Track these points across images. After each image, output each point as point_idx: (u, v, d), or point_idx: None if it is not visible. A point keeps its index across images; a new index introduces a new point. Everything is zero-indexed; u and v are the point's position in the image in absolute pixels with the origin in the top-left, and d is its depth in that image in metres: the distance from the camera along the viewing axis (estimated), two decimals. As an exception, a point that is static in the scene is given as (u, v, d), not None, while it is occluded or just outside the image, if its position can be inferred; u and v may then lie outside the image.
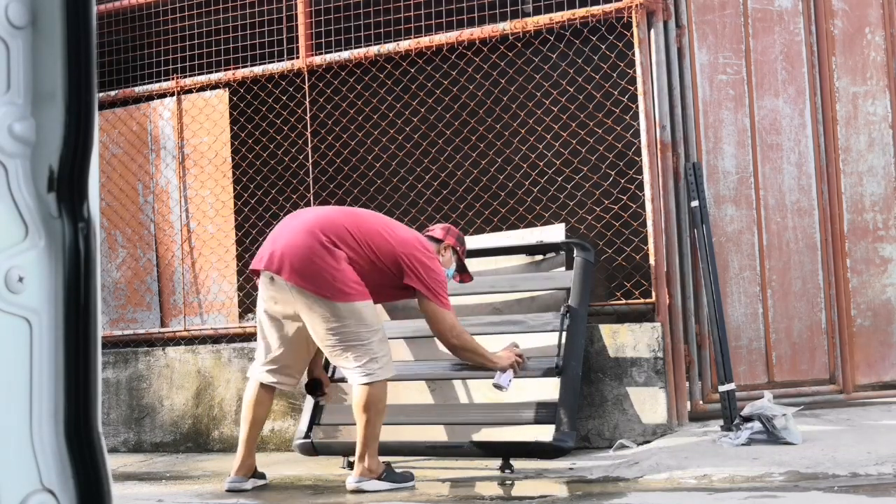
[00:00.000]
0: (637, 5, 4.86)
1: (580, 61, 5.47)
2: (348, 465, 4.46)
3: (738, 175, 5.12)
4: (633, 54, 4.93)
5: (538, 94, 5.97)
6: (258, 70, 5.93)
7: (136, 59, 6.45)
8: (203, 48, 6.17)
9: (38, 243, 1.14)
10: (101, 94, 6.34)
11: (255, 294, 4.34)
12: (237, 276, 6.02)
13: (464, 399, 4.84)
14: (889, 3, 5.46)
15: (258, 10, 6.16)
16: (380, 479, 4.02)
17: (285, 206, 6.09)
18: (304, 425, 4.76)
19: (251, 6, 6.13)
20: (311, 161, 5.85)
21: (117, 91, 6.37)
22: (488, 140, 6.23)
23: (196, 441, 5.66)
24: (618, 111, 5.35)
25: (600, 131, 5.51)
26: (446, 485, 4.14)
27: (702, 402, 4.89)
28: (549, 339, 4.47)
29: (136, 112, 6.32)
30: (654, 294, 4.78)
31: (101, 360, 1.22)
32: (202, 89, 6.10)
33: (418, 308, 4.42)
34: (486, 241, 5.28)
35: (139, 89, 6.28)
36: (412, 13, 5.69)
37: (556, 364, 4.37)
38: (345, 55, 5.68)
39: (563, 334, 4.44)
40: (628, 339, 4.69)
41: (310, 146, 5.88)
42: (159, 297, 6.20)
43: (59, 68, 1.14)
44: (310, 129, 5.89)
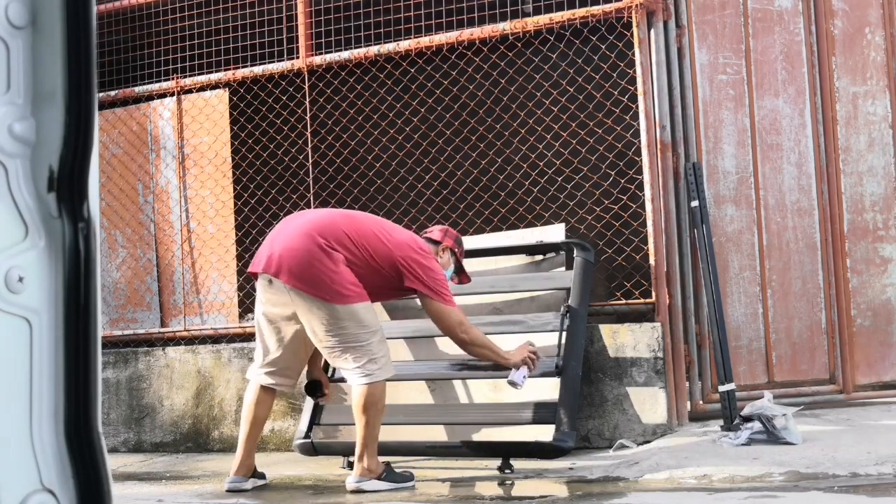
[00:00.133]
0: (637, 5, 4.86)
1: (580, 61, 5.47)
2: (348, 465, 4.46)
3: (738, 175, 5.12)
4: (633, 54, 4.93)
5: (538, 94, 5.97)
6: (258, 70, 5.93)
7: (136, 59, 6.45)
8: (203, 48, 6.17)
9: (38, 243, 1.14)
10: (101, 94, 6.34)
11: (255, 294, 4.34)
12: (237, 276, 6.02)
13: (464, 399, 4.85)
14: (889, 3, 5.46)
15: (258, 10, 6.15)
16: (380, 479, 4.02)
17: (285, 206, 6.09)
18: (304, 425, 4.76)
19: (251, 6, 6.13)
20: (311, 161, 5.85)
21: (117, 91, 6.37)
22: (488, 140, 6.23)
23: (196, 441, 5.66)
24: (618, 111, 5.35)
25: (600, 131, 5.50)
26: (446, 485, 4.14)
27: (702, 402, 4.89)
28: (549, 339, 4.47)
29: (136, 112, 6.32)
30: (654, 294, 4.78)
31: (101, 360, 1.22)
32: (202, 89, 6.10)
33: (418, 309, 4.42)
34: (486, 241, 5.28)
35: (139, 89, 6.28)
36: (412, 13, 5.69)
37: (555, 364, 4.38)
38: (345, 55, 5.68)
39: (563, 334, 4.45)
40: (628, 339, 4.69)
41: (310, 146, 5.88)
42: (159, 297, 6.20)
43: (59, 68, 1.14)
44: (310, 129, 5.89)
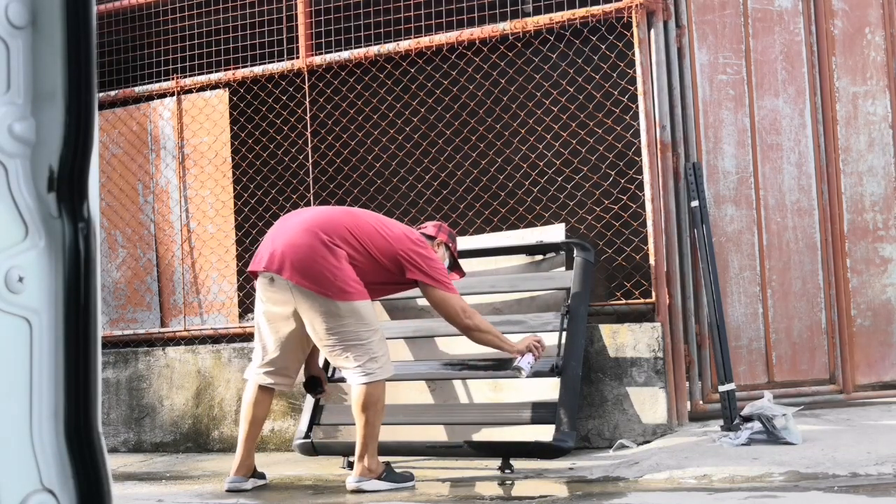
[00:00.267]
0: (637, 5, 4.86)
1: (580, 61, 5.47)
2: (348, 465, 4.46)
3: (738, 175, 5.12)
4: (633, 54, 4.93)
5: (538, 94, 5.96)
6: (258, 70, 5.93)
7: (136, 59, 6.45)
8: (203, 48, 6.17)
9: (38, 243, 1.14)
10: (101, 94, 6.34)
11: (255, 294, 4.34)
12: (237, 276, 6.02)
13: (464, 399, 4.85)
14: (889, 3, 5.46)
15: (258, 10, 6.16)
16: (380, 478, 4.02)
17: (285, 206, 6.08)
18: (304, 425, 4.76)
19: (251, 6, 6.13)
20: (311, 161, 5.85)
21: (117, 91, 6.37)
22: (488, 140, 6.23)
23: (196, 441, 5.66)
24: (618, 111, 5.35)
25: (600, 131, 5.50)
26: (446, 485, 4.14)
27: (702, 402, 4.89)
28: (549, 339, 4.46)
29: (136, 112, 6.32)
30: (654, 294, 4.78)
31: (101, 360, 1.22)
32: (202, 89, 6.10)
33: (418, 309, 4.42)
34: (486, 241, 5.28)
35: (139, 89, 6.28)
36: (412, 13, 5.69)
37: (555, 364, 4.38)
38: (345, 55, 5.68)
39: (563, 334, 4.45)
40: (628, 339, 4.69)
41: (310, 146, 5.88)
42: (159, 297, 6.20)
43: (59, 68, 1.14)
44: (310, 129, 5.89)
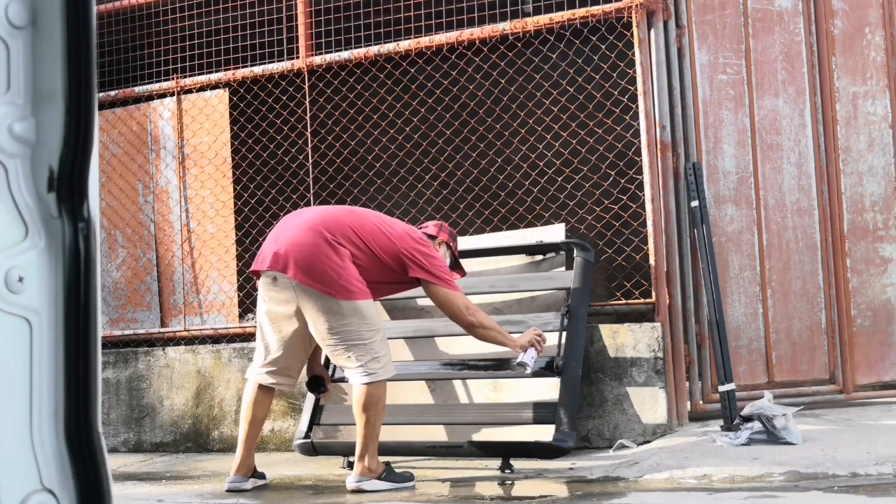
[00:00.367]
0: (637, 5, 4.86)
1: (580, 61, 5.47)
2: (348, 465, 4.46)
3: (738, 175, 5.12)
4: (633, 54, 4.93)
5: (538, 94, 5.96)
6: (258, 70, 5.93)
7: (136, 59, 6.45)
8: (203, 48, 6.17)
9: (38, 243, 1.14)
10: (101, 94, 6.34)
11: (255, 294, 4.34)
12: (237, 276, 6.02)
13: (464, 399, 4.85)
14: (889, 3, 5.46)
15: (258, 10, 6.16)
16: (380, 478, 4.02)
17: (285, 206, 6.08)
18: (304, 425, 4.76)
19: (251, 6, 6.13)
20: (311, 161, 5.85)
21: (117, 91, 6.37)
22: (488, 140, 6.23)
23: (196, 441, 5.66)
24: (618, 111, 5.35)
25: (600, 131, 5.50)
26: (446, 485, 4.14)
27: (702, 402, 4.89)
28: (549, 339, 4.46)
29: (136, 112, 6.32)
30: (654, 294, 4.78)
31: (101, 360, 1.22)
32: (202, 89, 6.10)
33: (418, 309, 4.42)
34: (486, 241, 5.28)
35: (139, 89, 6.28)
36: (412, 13, 5.69)
37: (556, 364, 4.38)
38: (345, 55, 5.68)
39: (563, 334, 4.45)
40: (628, 339, 4.69)
41: (310, 146, 5.88)
42: (159, 297, 6.20)
43: (59, 68, 1.14)
44: (310, 129, 5.89)
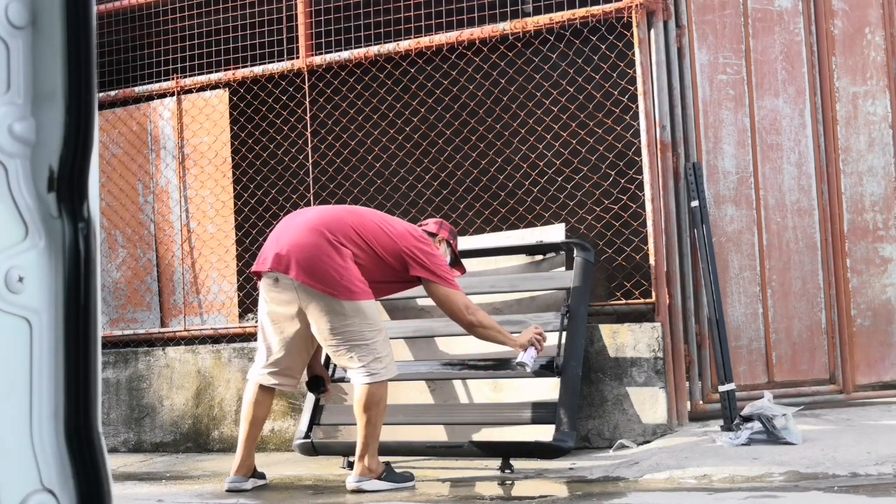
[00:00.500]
0: (637, 5, 4.86)
1: (580, 61, 5.47)
2: (348, 465, 4.46)
3: (738, 175, 5.12)
4: (633, 54, 4.93)
5: (538, 94, 5.96)
6: (258, 70, 5.93)
7: (136, 59, 6.45)
8: (203, 48, 6.17)
9: (38, 243, 1.14)
10: (101, 94, 6.34)
11: (256, 294, 4.34)
12: (237, 276, 6.02)
13: (464, 399, 4.85)
14: (889, 3, 5.46)
15: (258, 10, 6.16)
16: (380, 478, 4.02)
17: (285, 206, 6.09)
18: (304, 425, 4.76)
19: (251, 6, 6.13)
20: (311, 161, 5.85)
21: (117, 91, 6.37)
22: (488, 140, 6.23)
23: (196, 441, 5.66)
24: (618, 111, 5.35)
25: (600, 131, 5.50)
26: (446, 485, 4.14)
27: (702, 402, 4.89)
28: (549, 339, 4.46)
29: (136, 112, 6.32)
30: (654, 294, 4.78)
31: (101, 360, 1.22)
32: (202, 89, 6.10)
33: (418, 309, 4.41)
34: (486, 241, 5.28)
35: (139, 89, 6.28)
36: (412, 13, 5.69)
37: (556, 364, 4.38)
38: (345, 55, 5.68)
39: (563, 334, 4.45)
40: (628, 339, 4.69)
41: (310, 146, 5.88)
42: (159, 297, 6.20)
43: (59, 68, 1.14)
44: (310, 129, 5.89)
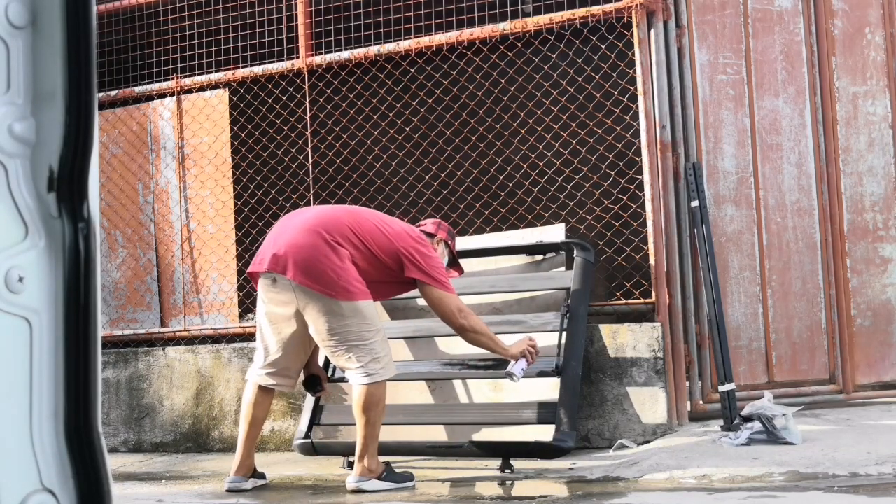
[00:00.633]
0: (637, 5, 4.86)
1: (580, 61, 5.47)
2: (348, 465, 4.46)
3: (738, 175, 5.12)
4: (633, 54, 4.93)
5: (538, 94, 5.96)
6: (258, 70, 5.93)
7: (136, 59, 6.45)
8: (203, 48, 6.17)
9: (38, 243, 1.14)
10: (101, 94, 6.34)
11: (255, 294, 4.33)
12: (237, 276, 6.02)
13: (464, 399, 4.84)
14: (889, 3, 5.46)
15: (258, 10, 6.15)
16: (380, 478, 4.02)
17: (285, 206, 6.08)
18: (304, 425, 4.76)
19: (251, 6, 6.13)
20: (311, 161, 5.85)
21: (117, 91, 6.37)
22: (488, 140, 6.22)
23: (196, 441, 5.66)
24: (618, 111, 5.35)
25: (600, 131, 5.50)
26: (446, 485, 4.14)
27: (702, 402, 4.89)
28: (549, 339, 4.46)
29: (136, 112, 6.32)
30: (654, 294, 4.78)
31: (101, 360, 1.22)
32: (202, 89, 6.10)
33: (418, 309, 4.41)
34: (486, 241, 5.28)
35: (139, 89, 6.28)
36: (412, 13, 5.69)
37: (555, 364, 4.38)
38: (345, 55, 5.68)
39: (563, 334, 4.45)
40: (628, 339, 4.69)
41: (310, 146, 5.88)
42: (159, 297, 6.20)
43: (59, 68, 1.14)
44: (310, 129, 5.89)
